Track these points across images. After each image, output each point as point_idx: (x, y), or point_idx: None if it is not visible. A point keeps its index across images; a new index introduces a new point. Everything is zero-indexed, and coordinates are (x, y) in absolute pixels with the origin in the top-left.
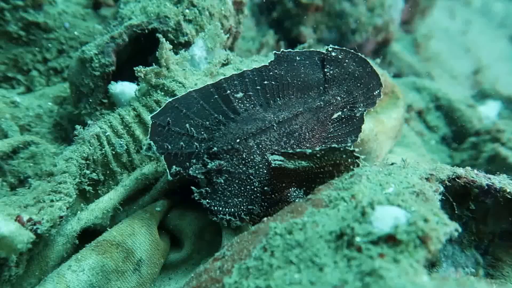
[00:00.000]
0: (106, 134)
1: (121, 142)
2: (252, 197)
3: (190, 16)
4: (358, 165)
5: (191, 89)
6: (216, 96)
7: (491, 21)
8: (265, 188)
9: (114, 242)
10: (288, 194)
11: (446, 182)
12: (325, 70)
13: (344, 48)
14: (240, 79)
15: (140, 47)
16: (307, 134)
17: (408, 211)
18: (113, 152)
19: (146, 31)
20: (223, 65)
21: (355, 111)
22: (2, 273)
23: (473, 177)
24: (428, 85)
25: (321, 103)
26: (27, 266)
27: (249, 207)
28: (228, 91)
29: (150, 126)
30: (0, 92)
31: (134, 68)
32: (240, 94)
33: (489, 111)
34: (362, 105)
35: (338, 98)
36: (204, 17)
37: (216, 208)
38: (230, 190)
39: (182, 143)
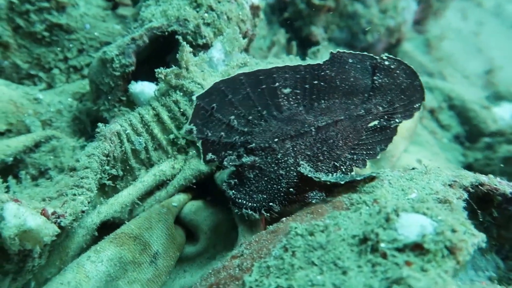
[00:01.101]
0: (126, 132)
1: (140, 140)
2: (276, 195)
3: (208, 20)
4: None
5: (241, 71)
6: (264, 86)
7: (504, 22)
8: (291, 189)
9: (132, 235)
10: (308, 196)
11: (469, 188)
12: (375, 77)
13: (398, 58)
14: (292, 73)
15: (157, 47)
16: (340, 142)
17: (434, 220)
18: (132, 149)
19: (166, 33)
20: (240, 67)
21: (392, 121)
22: (26, 263)
23: (496, 185)
24: (440, 85)
25: (363, 111)
26: (48, 257)
27: (270, 204)
28: (277, 84)
29: (193, 107)
30: (24, 89)
31: (155, 70)
32: (287, 90)
33: (504, 112)
34: (400, 116)
35: (380, 108)
36: (222, 21)
37: (240, 200)
38: (257, 186)
39: (222, 132)
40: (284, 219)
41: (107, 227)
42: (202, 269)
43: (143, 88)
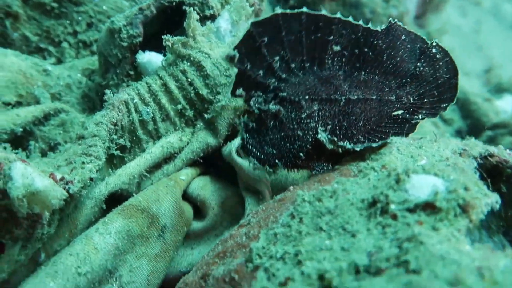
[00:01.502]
0: (134, 101)
1: (148, 110)
2: (285, 154)
3: None
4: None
5: (305, 9)
6: (319, 35)
7: (502, 22)
8: (301, 153)
9: (140, 207)
10: (314, 165)
11: (478, 159)
12: (418, 63)
13: (446, 49)
14: (350, 31)
15: (167, 22)
16: (361, 122)
17: (446, 180)
18: (140, 120)
19: (174, 3)
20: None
21: (414, 116)
22: (35, 230)
23: (505, 157)
24: None
25: (394, 97)
26: (58, 229)
27: (276, 161)
28: (332, 37)
29: (246, 30)
30: (33, 60)
31: (162, 37)
32: (337, 48)
33: (506, 105)
34: (424, 112)
35: (410, 98)
36: None
37: (250, 147)
38: (271, 138)
39: (261, 70)
40: (291, 187)
41: (115, 201)
42: (210, 246)
43: (151, 58)
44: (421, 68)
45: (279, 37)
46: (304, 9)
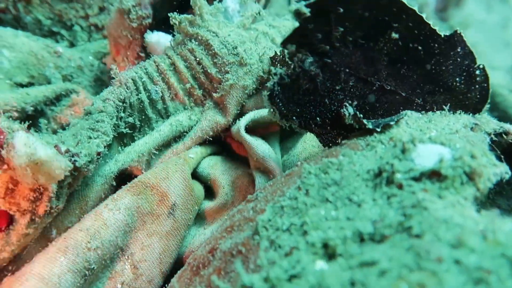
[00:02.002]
0: (142, 79)
1: (157, 89)
2: (304, 115)
3: None
4: None
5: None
6: (387, 18)
7: None
8: (318, 118)
9: (149, 184)
10: (324, 133)
11: (492, 135)
12: (457, 78)
13: (489, 77)
14: (415, 25)
15: (178, 6)
16: (381, 111)
17: (453, 149)
18: (149, 98)
19: None
20: (256, 19)
21: None
22: (43, 202)
23: None
24: None
25: (420, 100)
26: (68, 206)
27: (294, 118)
28: (396, 25)
29: None
30: (44, 41)
31: (169, 14)
32: (396, 36)
33: None
34: None
35: (434, 107)
36: None
37: (277, 99)
38: (299, 98)
39: (319, 34)
40: (299, 162)
41: (125, 180)
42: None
43: (159, 38)
44: (458, 84)
45: (353, 10)
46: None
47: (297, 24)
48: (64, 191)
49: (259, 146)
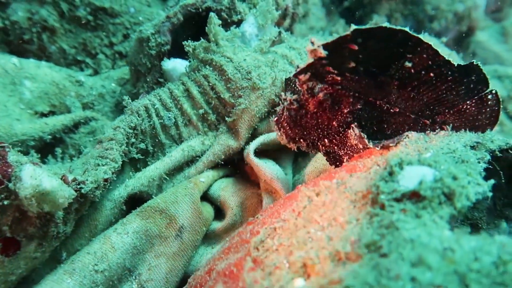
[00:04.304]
0: (155, 106)
1: (170, 115)
2: (312, 138)
3: None
4: None
5: (407, 29)
6: (402, 50)
7: None
8: (326, 140)
9: (158, 209)
10: (331, 153)
11: (497, 152)
12: (468, 101)
13: (500, 101)
14: (430, 57)
15: (196, 28)
16: (389, 131)
17: (437, 170)
18: (162, 124)
19: (201, 10)
20: (275, 43)
21: None
22: (50, 228)
23: None
24: (511, 72)
25: (430, 121)
26: (78, 229)
27: (301, 140)
28: (411, 55)
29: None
30: (67, 72)
31: (183, 43)
32: (409, 64)
33: None
34: None
35: (444, 127)
36: None
37: (285, 123)
38: (307, 121)
39: (332, 67)
40: (299, 185)
41: (136, 202)
42: None
43: (175, 65)
44: (468, 107)
45: (367, 45)
46: (407, 29)
47: (311, 60)
48: (72, 216)
49: (268, 168)
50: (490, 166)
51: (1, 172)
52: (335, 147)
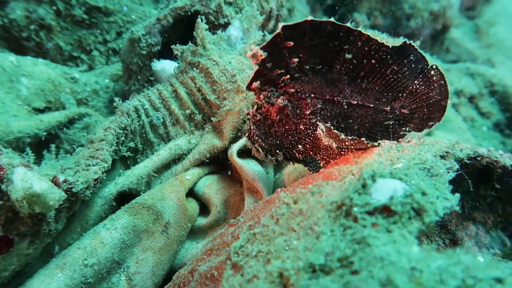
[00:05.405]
0: (144, 107)
1: (158, 115)
2: (286, 146)
3: None
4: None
5: (333, 19)
6: (336, 43)
7: None
8: (300, 146)
9: (145, 205)
10: (308, 160)
11: (465, 160)
12: (416, 81)
13: (443, 74)
14: (365, 44)
15: (186, 29)
16: (356, 126)
17: (407, 184)
18: (150, 123)
19: (189, 13)
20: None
21: (403, 128)
22: (41, 226)
23: (496, 157)
24: (483, 70)
25: (389, 108)
26: (70, 224)
27: (277, 151)
28: (348, 46)
29: (271, 36)
30: (62, 68)
31: (172, 46)
32: (349, 56)
33: None
34: (412, 126)
35: (404, 112)
36: (243, 0)
37: (256, 136)
38: (276, 130)
39: (280, 70)
40: (279, 189)
41: (125, 198)
42: None
43: (164, 66)
44: (417, 86)
45: (302, 41)
46: (332, 19)
47: (256, 67)
48: (63, 214)
49: (250, 169)
50: (460, 172)
51: None
52: (311, 152)
